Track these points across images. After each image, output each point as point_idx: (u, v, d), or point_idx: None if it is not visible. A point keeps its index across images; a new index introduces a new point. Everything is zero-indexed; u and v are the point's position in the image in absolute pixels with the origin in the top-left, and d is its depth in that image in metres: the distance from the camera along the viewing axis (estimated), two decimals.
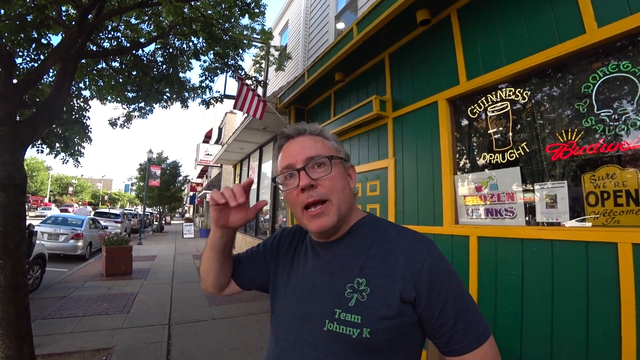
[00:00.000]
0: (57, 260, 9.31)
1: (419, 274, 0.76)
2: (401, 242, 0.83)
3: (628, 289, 1.82)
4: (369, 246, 0.84)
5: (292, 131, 0.91)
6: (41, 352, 3.43)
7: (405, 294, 0.75)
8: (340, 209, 0.84)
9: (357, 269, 0.82)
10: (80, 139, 5.13)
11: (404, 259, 0.79)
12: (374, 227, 0.89)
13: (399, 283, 0.76)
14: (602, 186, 2.04)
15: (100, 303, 5.41)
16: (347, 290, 0.80)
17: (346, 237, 0.89)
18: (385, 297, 0.76)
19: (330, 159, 0.86)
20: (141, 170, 24.04)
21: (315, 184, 0.83)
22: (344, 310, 0.78)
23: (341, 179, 0.87)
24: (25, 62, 4.03)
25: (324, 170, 0.85)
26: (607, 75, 2.05)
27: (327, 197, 0.83)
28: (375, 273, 0.79)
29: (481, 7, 2.88)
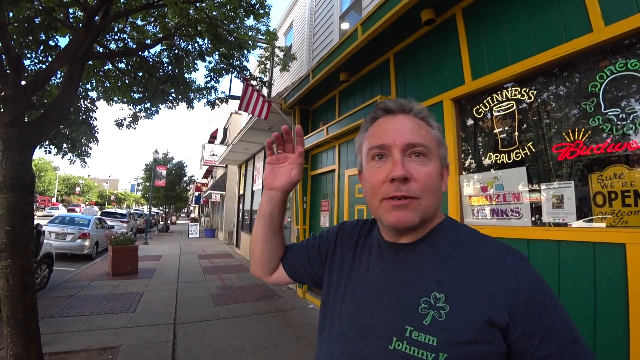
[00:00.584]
0: (64, 260, 9.40)
1: (514, 295, 0.63)
2: (489, 253, 0.69)
3: (637, 290, 1.80)
4: (449, 255, 0.71)
5: (395, 105, 0.76)
6: (49, 350, 3.46)
7: (496, 318, 0.62)
8: (427, 211, 0.71)
9: (435, 280, 0.68)
10: (87, 140, 5.18)
11: (494, 275, 0.65)
12: (455, 233, 0.76)
13: (486, 304, 0.63)
14: (610, 186, 2.02)
15: (106, 302, 5.45)
16: (421, 304, 0.67)
17: (423, 241, 0.75)
18: (468, 318, 0.63)
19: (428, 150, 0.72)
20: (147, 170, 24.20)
21: (410, 177, 0.69)
22: (416, 328, 0.65)
23: (437, 178, 0.73)
24: (33, 64, 4.08)
25: (422, 163, 0.71)
26: (615, 74, 2.03)
27: (418, 196, 0.69)
28: (457, 289, 0.66)
29: (486, 6, 2.86)
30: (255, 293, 6.33)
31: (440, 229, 0.76)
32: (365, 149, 0.78)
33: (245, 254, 11.39)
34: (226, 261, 10.50)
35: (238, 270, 8.87)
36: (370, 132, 0.78)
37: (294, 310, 5.36)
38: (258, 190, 10.73)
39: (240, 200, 13.84)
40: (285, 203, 0.95)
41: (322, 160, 5.85)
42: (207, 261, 10.39)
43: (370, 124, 0.79)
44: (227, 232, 16.33)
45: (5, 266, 2.64)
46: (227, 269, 9.00)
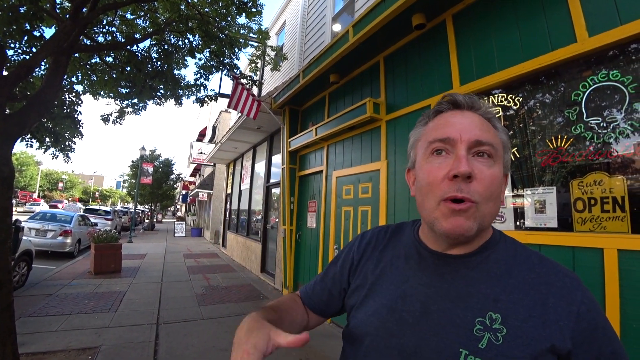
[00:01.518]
0: (44, 257, 9.15)
1: (577, 321, 0.58)
2: (546, 273, 0.63)
3: (613, 294, 1.85)
4: (505, 272, 0.65)
5: (464, 100, 0.69)
6: (25, 351, 3.36)
7: (559, 345, 0.57)
8: (485, 219, 0.64)
9: (491, 299, 0.62)
10: (71, 134, 5.07)
11: (554, 298, 0.60)
12: (508, 248, 0.69)
13: (549, 329, 0.58)
14: (590, 192, 2.08)
15: (87, 301, 5.33)
16: (476, 325, 0.60)
17: (477, 255, 0.68)
18: (527, 344, 0.57)
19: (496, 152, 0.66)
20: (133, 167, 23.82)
21: (474, 176, 0.62)
22: (472, 352, 0.58)
23: (499, 183, 0.65)
24: (16, 55, 3.98)
25: (487, 164, 0.64)
26: (597, 84, 2.09)
27: (478, 200, 0.62)
28: (515, 310, 0.60)
29: (476, 14, 2.91)
30: (240, 293, 6.28)
31: (493, 242, 0.69)
32: (423, 143, 0.71)
33: (232, 253, 11.30)
34: (212, 261, 10.39)
35: (224, 270, 8.79)
36: (431, 125, 0.71)
37: None
38: (246, 190, 10.67)
39: (228, 200, 13.73)
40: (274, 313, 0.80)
41: (310, 161, 5.85)
42: (193, 260, 10.27)
43: (432, 117, 0.73)
44: (213, 232, 16.17)
45: None
46: (213, 269, 8.91)
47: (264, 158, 8.95)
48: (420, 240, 0.75)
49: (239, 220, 11.44)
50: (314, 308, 0.90)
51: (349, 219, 4.47)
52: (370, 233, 0.87)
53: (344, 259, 0.86)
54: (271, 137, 8.62)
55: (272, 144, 8.60)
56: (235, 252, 10.81)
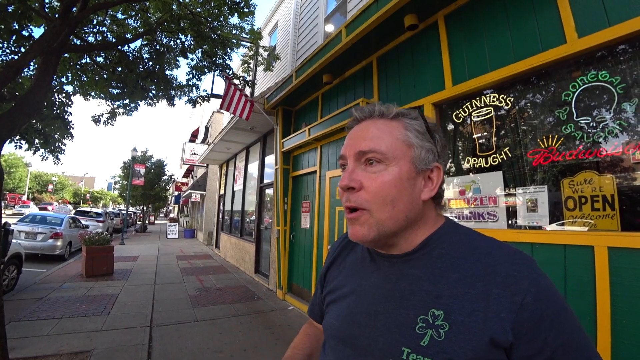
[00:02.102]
0: (34, 260, 9.01)
1: (520, 311, 0.56)
2: (494, 262, 0.61)
3: (603, 291, 1.88)
4: (449, 266, 0.64)
5: (360, 113, 0.72)
6: (16, 356, 3.31)
7: (499, 338, 0.56)
8: (383, 224, 0.65)
9: (433, 296, 0.62)
10: (61, 135, 4.99)
11: (499, 289, 0.58)
12: (455, 240, 0.68)
13: (490, 323, 0.57)
14: (581, 191, 2.11)
15: (79, 304, 5.26)
16: (418, 323, 0.61)
17: (418, 252, 0.68)
18: (469, 339, 0.57)
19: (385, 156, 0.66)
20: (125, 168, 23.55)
21: (358, 186, 0.66)
22: (414, 350, 0.60)
23: (396, 186, 0.65)
24: (4, 55, 3.91)
25: (376, 171, 0.66)
26: (587, 84, 2.12)
27: (366, 207, 0.65)
28: (458, 305, 0.60)
29: (468, 14, 2.94)
30: (234, 295, 6.25)
31: (436, 236, 0.69)
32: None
33: (225, 255, 11.24)
34: (205, 262, 10.32)
35: (217, 272, 8.74)
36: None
37: (273, 312, 5.32)
38: (239, 191, 10.63)
39: (221, 201, 13.66)
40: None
41: (303, 161, 5.85)
42: (186, 262, 10.19)
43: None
44: (206, 233, 16.07)
45: None
46: (206, 270, 8.85)
47: (257, 159, 8.92)
48: None
49: (232, 221, 11.38)
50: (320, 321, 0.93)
51: (343, 219, 4.48)
52: (337, 241, 0.92)
53: (322, 270, 0.92)
54: (264, 137, 8.59)
55: (266, 144, 8.58)
56: (229, 253, 10.75)
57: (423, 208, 0.69)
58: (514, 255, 0.62)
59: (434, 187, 0.69)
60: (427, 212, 0.70)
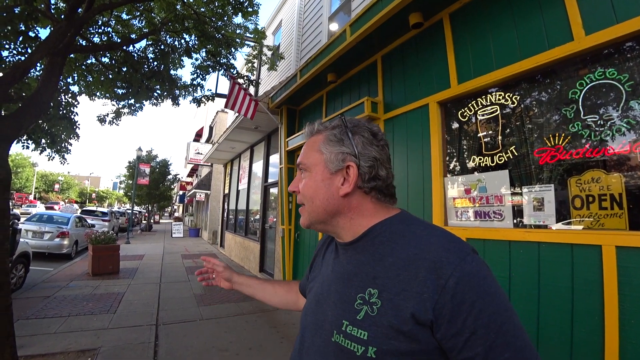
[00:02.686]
0: (41, 259, 9.10)
1: (441, 293, 0.62)
2: (428, 249, 0.68)
3: (611, 290, 1.86)
4: (387, 252, 0.73)
5: (304, 135, 0.92)
6: (24, 353, 3.35)
7: (420, 315, 0.62)
8: (312, 214, 0.83)
9: (371, 277, 0.72)
10: (67, 135, 5.03)
11: (426, 272, 0.64)
12: (399, 230, 0.75)
13: (413, 300, 0.64)
14: (588, 190, 2.09)
15: (86, 303, 5.31)
16: (357, 300, 0.72)
17: (361, 239, 0.79)
18: (396, 315, 0.65)
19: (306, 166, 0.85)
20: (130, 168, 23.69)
21: (297, 190, 0.86)
22: (351, 322, 0.70)
23: (311, 187, 0.82)
24: (11, 55, 3.94)
25: (303, 178, 0.85)
26: (594, 82, 2.10)
27: (303, 202, 0.85)
28: (389, 285, 0.68)
29: (473, 12, 2.92)
30: (239, 293, 6.24)
31: (379, 226, 0.78)
32: None
33: (230, 253, 11.29)
34: None
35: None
36: None
37: (278, 310, 5.33)
38: (243, 190, 10.65)
39: (226, 200, 13.71)
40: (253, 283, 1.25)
41: None
42: (191, 261, 10.24)
43: None
44: (211, 232, 16.14)
45: None
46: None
47: (262, 158, 8.94)
48: None
49: (236, 220, 11.42)
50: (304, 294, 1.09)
51: None
52: (323, 237, 1.06)
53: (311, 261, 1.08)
54: (269, 136, 8.60)
55: (270, 143, 8.59)
56: (234, 252, 10.79)
57: (351, 200, 0.79)
58: (449, 244, 0.68)
59: (350, 184, 0.78)
60: (358, 206, 0.80)
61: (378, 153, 0.79)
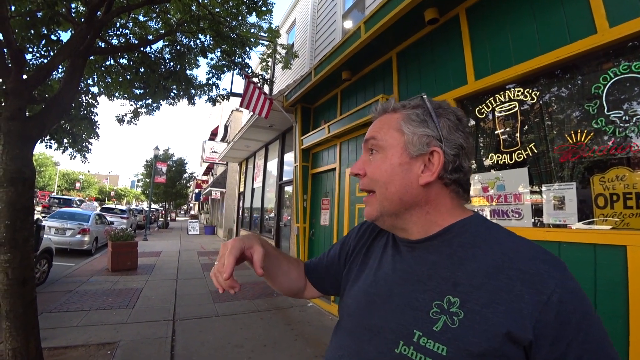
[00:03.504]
0: (64, 255, 9.41)
1: (544, 311, 0.54)
2: (519, 258, 0.60)
3: (636, 293, 1.79)
4: (469, 256, 0.64)
5: (374, 112, 0.80)
6: (47, 345, 3.47)
7: (517, 333, 0.54)
8: (383, 203, 0.70)
9: (450, 283, 0.62)
10: (88, 135, 5.17)
11: (522, 285, 0.57)
12: (479, 232, 0.67)
13: (510, 316, 0.55)
14: (612, 188, 2.02)
15: (105, 298, 5.46)
16: (433, 308, 0.62)
17: (436, 238, 0.69)
18: (484, 330, 0.56)
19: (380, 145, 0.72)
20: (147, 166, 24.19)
21: (362, 173, 0.74)
22: (425, 334, 0.60)
23: (386, 171, 0.70)
24: (35, 58, 4.07)
25: (373, 158, 0.73)
26: (618, 76, 2.03)
27: (371, 188, 0.73)
28: (475, 295, 0.59)
29: (490, 7, 2.85)
30: (254, 291, 6.33)
31: (458, 226, 0.69)
32: None
33: None
34: None
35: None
36: None
37: (293, 308, 5.36)
38: (258, 188, 10.74)
39: (241, 198, 13.85)
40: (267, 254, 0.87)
41: (323, 159, 5.84)
42: (207, 258, 10.39)
43: None
44: (226, 230, 16.33)
45: (5, 260, 2.64)
46: None
47: (277, 156, 8.98)
48: None
49: (251, 218, 11.52)
50: (312, 280, 0.99)
51: (362, 216, 4.45)
52: (367, 224, 0.92)
53: (343, 243, 0.96)
54: (283, 135, 8.64)
55: (285, 142, 8.62)
56: None
57: (428, 193, 0.69)
58: (544, 255, 0.61)
59: (434, 172, 0.68)
60: (436, 199, 0.70)
61: (464, 141, 0.70)
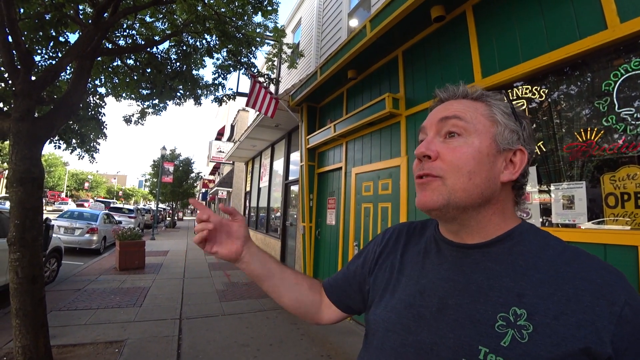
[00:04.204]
0: (72, 254, 9.53)
1: (619, 323, 0.51)
2: (585, 269, 0.57)
3: None
4: (532, 265, 0.59)
5: (444, 94, 0.72)
6: (56, 343, 3.51)
7: (596, 349, 0.51)
8: (454, 193, 0.62)
9: (514, 294, 0.57)
10: (95, 135, 5.23)
11: (592, 296, 0.53)
12: (539, 240, 0.63)
13: (584, 330, 0.52)
14: (623, 187, 1.98)
15: (113, 296, 5.52)
16: (498, 321, 0.56)
17: (496, 244, 0.64)
18: (557, 343, 0.52)
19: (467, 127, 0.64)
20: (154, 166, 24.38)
21: (434, 156, 0.64)
22: (493, 350, 0.54)
23: (474, 158, 0.62)
24: (43, 60, 4.12)
25: (455, 142, 0.64)
26: (630, 73, 1.98)
27: (441, 174, 0.63)
28: (544, 306, 0.54)
29: (498, 3, 2.82)
30: (260, 290, 6.31)
31: (517, 233, 0.65)
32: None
33: None
34: None
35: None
36: None
37: None
38: (264, 188, 10.77)
39: (247, 197, 13.90)
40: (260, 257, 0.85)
41: (328, 158, 5.83)
42: (213, 257, 10.43)
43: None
44: None
45: (15, 259, 2.67)
46: (233, 266, 9.02)
47: (282, 155, 9.00)
48: (439, 233, 0.73)
49: (258, 217, 11.56)
50: (333, 298, 0.89)
51: (369, 215, 4.44)
52: (392, 229, 0.85)
53: (367, 254, 0.86)
54: (289, 134, 8.65)
55: (291, 141, 8.63)
56: None
57: (501, 192, 0.65)
58: (605, 264, 0.58)
59: (516, 171, 0.65)
60: (504, 199, 0.66)
61: (535, 148, 0.69)
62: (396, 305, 0.69)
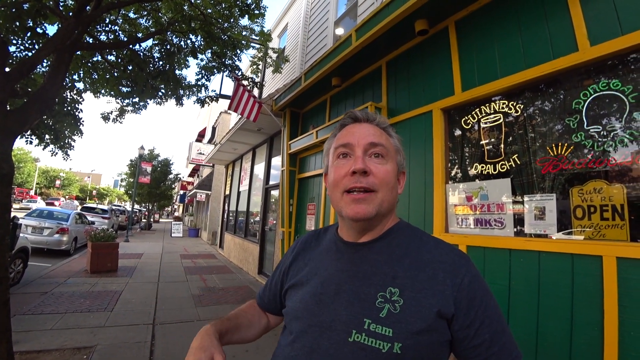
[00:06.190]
0: (40, 255, 9.11)
1: (459, 290, 0.73)
2: (440, 254, 0.78)
3: (611, 301, 1.85)
4: (403, 254, 0.80)
5: (362, 115, 0.88)
6: (19, 349, 3.34)
7: (444, 310, 0.71)
8: (382, 204, 0.79)
9: (390, 277, 0.76)
10: (71, 132, 5.06)
11: (444, 273, 0.74)
12: (409, 234, 0.85)
13: (437, 298, 0.72)
14: (590, 200, 2.09)
15: (83, 300, 5.30)
16: (378, 299, 0.74)
17: (379, 241, 0.83)
18: (419, 311, 0.71)
19: (386, 153, 0.83)
20: (132, 166, 23.74)
21: (369, 171, 0.78)
22: (374, 320, 0.72)
23: (394, 178, 0.83)
24: (19, 51, 3.97)
25: (381, 162, 0.81)
26: (598, 93, 2.11)
27: (376, 189, 0.78)
28: (410, 284, 0.74)
29: (479, 20, 2.94)
30: (237, 295, 6.26)
31: (395, 230, 0.85)
32: (332, 150, 0.88)
33: (229, 255, 11.27)
34: (209, 262, 10.36)
35: (221, 271, 8.76)
36: (338, 136, 0.88)
37: None
38: (244, 191, 10.66)
39: (226, 201, 13.71)
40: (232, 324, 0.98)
41: (310, 164, 5.85)
42: (190, 261, 10.23)
43: (339, 130, 0.90)
44: (211, 232, 16.12)
45: None
46: (210, 270, 8.88)
47: (264, 160, 8.95)
48: (338, 235, 0.91)
49: (236, 221, 11.41)
50: (268, 309, 1.07)
51: None
52: (302, 238, 1.04)
53: (282, 263, 1.03)
54: (271, 139, 8.62)
55: (272, 145, 8.60)
56: (233, 253, 10.78)
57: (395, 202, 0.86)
58: (456, 250, 0.81)
59: (401, 186, 0.88)
60: (394, 207, 0.87)
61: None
62: (303, 297, 0.85)
